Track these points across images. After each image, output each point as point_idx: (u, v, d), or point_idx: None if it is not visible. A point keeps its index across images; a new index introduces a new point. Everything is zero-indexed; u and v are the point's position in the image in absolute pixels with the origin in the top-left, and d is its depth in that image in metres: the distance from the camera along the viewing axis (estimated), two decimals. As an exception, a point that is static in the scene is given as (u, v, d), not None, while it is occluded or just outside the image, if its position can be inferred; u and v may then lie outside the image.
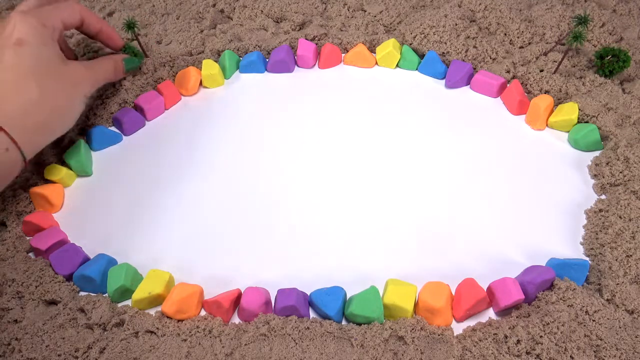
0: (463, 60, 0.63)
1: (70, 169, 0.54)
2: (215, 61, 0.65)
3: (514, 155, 0.55)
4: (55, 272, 0.46)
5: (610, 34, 0.64)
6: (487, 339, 0.40)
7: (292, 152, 0.57)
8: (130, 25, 0.59)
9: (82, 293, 0.45)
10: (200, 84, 0.64)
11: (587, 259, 0.46)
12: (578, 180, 0.53)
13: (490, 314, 0.44)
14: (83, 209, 0.52)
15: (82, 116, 0.58)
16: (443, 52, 0.64)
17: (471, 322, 0.43)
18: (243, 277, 0.47)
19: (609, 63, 0.58)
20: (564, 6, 0.66)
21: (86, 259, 0.47)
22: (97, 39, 0.58)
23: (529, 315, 0.42)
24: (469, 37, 0.64)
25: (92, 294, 0.45)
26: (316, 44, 0.66)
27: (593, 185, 0.52)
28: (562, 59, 0.59)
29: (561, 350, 0.39)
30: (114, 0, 0.74)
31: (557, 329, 0.40)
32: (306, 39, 0.66)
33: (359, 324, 0.42)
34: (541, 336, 0.40)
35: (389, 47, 0.64)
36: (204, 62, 0.63)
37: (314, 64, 0.66)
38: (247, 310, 0.42)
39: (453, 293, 0.44)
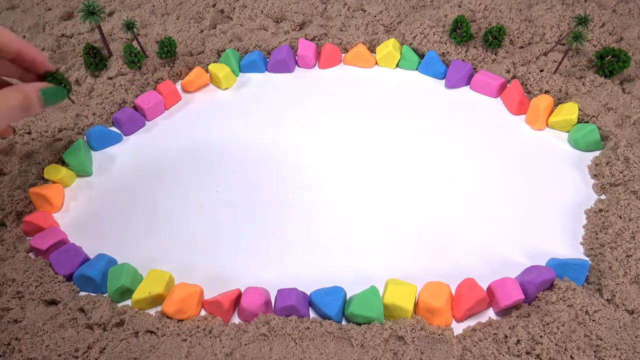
0: (463, 60, 0.63)
1: (70, 169, 0.54)
2: (215, 61, 0.65)
3: (514, 155, 0.55)
4: (55, 272, 0.46)
5: (610, 34, 0.64)
6: (487, 339, 0.40)
7: (292, 152, 0.57)
8: (129, 26, 0.59)
9: (82, 293, 0.45)
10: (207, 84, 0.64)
11: (587, 259, 0.46)
12: (578, 180, 0.53)
13: (490, 314, 0.44)
14: (83, 209, 0.52)
15: (82, 116, 0.58)
16: (443, 52, 0.64)
17: (471, 322, 0.43)
18: (243, 277, 0.47)
19: (609, 63, 0.58)
20: (564, 6, 0.66)
21: (86, 259, 0.47)
22: (17, 64, 0.44)
23: (529, 315, 0.42)
24: (469, 37, 0.64)
25: (92, 294, 0.45)
26: (316, 44, 0.66)
27: (593, 185, 0.52)
28: (562, 59, 0.59)
29: (561, 350, 0.39)
30: (114, 1, 0.74)
31: (557, 329, 0.40)
32: (306, 39, 0.66)
33: (359, 324, 0.42)
34: (541, 336, 0.40)
35: (389, 47, 0.64)
36: (211, 66, 0.63)
37: (314, 64, 0.66)
38: (247, 310, 0.42)
39: (453, 293, 0.44)
